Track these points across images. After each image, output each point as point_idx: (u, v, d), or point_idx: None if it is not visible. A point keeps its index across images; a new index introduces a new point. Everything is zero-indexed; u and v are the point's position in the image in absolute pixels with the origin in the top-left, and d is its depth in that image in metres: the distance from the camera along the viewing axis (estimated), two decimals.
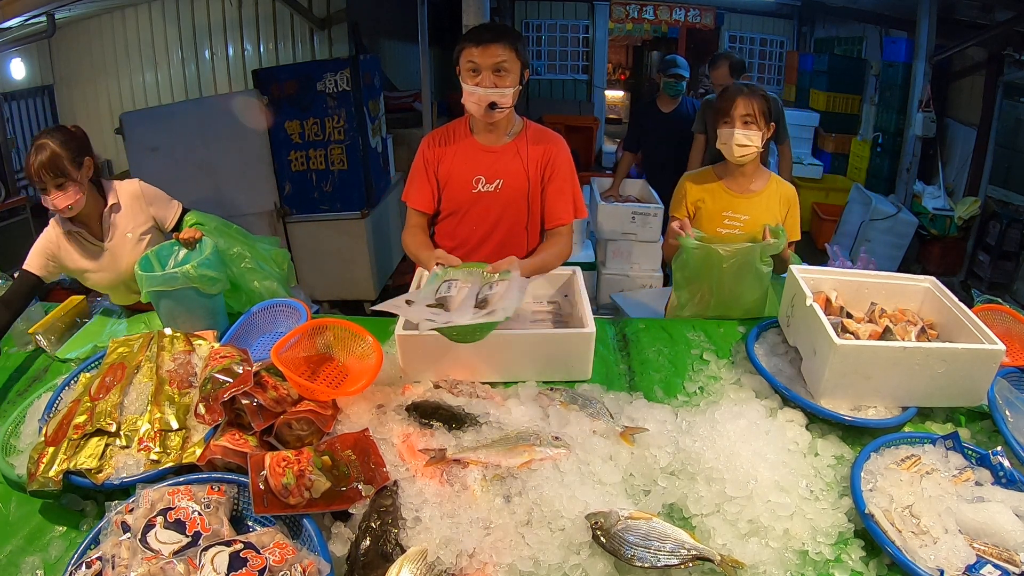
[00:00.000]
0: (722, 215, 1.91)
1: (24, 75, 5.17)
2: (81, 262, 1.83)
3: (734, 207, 1.90)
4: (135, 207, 1.88)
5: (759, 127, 1.79)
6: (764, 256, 1.72)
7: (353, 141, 4.10)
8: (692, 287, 1.86)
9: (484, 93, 1.63)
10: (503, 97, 1.65)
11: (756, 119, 1.78)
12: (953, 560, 0.98)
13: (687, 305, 1.89)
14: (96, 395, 1.30)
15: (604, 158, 7.89)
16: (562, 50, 8.26)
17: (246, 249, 1.87)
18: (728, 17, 7.72)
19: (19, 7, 3.79)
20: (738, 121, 1.78)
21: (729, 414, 1.28)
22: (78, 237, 1.82)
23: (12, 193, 4.64)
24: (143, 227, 1.90)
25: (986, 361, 1.28)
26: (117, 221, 1.86)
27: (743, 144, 1.79)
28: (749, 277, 1.75)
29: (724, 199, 1.91)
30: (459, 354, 1.45)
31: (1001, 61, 4.38)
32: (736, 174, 1.91)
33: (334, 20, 4.76)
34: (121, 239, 1.85)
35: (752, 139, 1.79)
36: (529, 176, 1.79)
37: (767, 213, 1.87)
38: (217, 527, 0.99)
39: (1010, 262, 4.31)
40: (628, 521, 1.02)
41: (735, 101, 1.78)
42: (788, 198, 1.92)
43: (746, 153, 1.81)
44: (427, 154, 1.83)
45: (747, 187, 1.91)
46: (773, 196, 1.91)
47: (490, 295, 1.39)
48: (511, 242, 1.85)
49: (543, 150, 1.80)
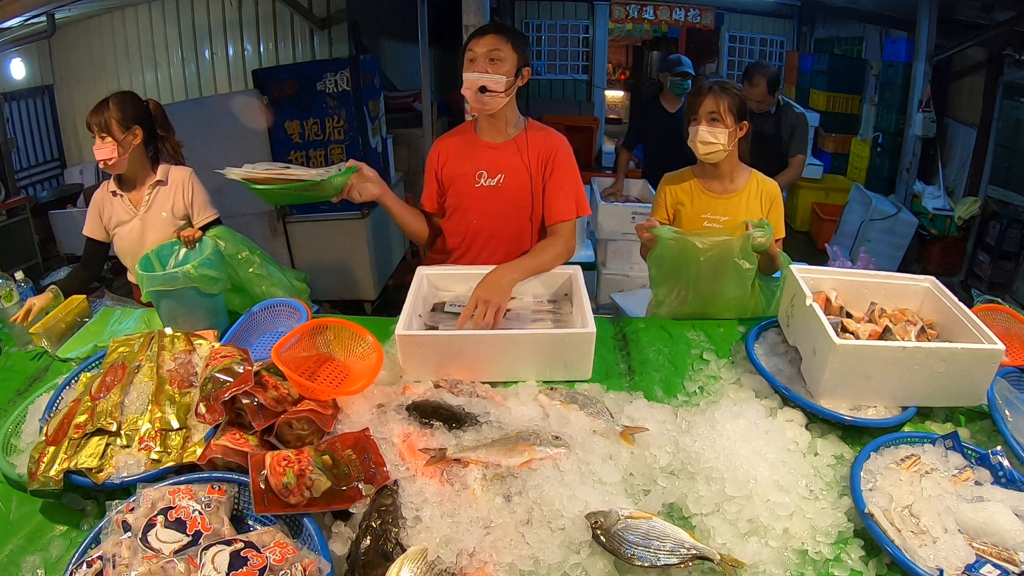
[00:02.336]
0: (701, 217, 1.90)
1: (24, 75, 5.18)
2: (117, 219, 2.03)
3: (713, 208, 1.89)
4: (177, 192, 2.04)
5: (726, 125, 1.77)
6: (745, 251, 1.68)
7: (353, 141, 4.10)
8: (669, 283, 1.81)
9: (475, 77, 1.67)
10: (493, 82, 1.67)
11: (722, 117, 1.77)
12: (953, 560, 0.98)
13: (664, 303, 1.85)
14: (97, 395, 1.30)
15: (604, 158, 7.90)
16: (562, 50, 8.27)
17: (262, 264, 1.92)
18: (728, 17, 7.72)
19: (19, 7, 3.80)
20: (704, 119, 1.78)
21: (729, 414, 1.28)
22: (120, 199, 2.02)
23: (12, 193, 4.64)
24: (179, 213, 2.04)
25: (986, 361, 1.28)
26: (157, 197, 2.03)
27: (706, 141, 1.78)
28: (729, 273, 1.71)
29: (703, 200, 1.91)
30: (459, 354, 1.46)
31: (1001, 61, 4.38)
32: (714, 174, 1.89)
33: (334, 20, 4.77)
34: (155, 216, 2.01)
35: (717, 136, 1.77)
36: (531, 171, 1.81)
37: (747, 212, 1.85)
38: (218, 526, 0.99)
39: (1010, 262, 4.31)
40: (628, 520, 1.02)
41: (703, 99, 1.78)
42: (770, 195, 1.90)
43: (711, 151, 1.79)
44: (433, 155, 1.90)
45: (726, 187, 1.90)
46: (754, 194, 1.89)
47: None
48: (516, 237, 1.88)
49: (544, 146, 1.82)
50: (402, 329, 1.45)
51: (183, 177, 2.05)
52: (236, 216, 4.08)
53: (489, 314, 1.56)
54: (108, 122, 1.89)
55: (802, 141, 3.40)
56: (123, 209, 2.03)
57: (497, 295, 1.59)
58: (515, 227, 1.87)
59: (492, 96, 1.69)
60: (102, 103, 1.91)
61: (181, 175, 2.05)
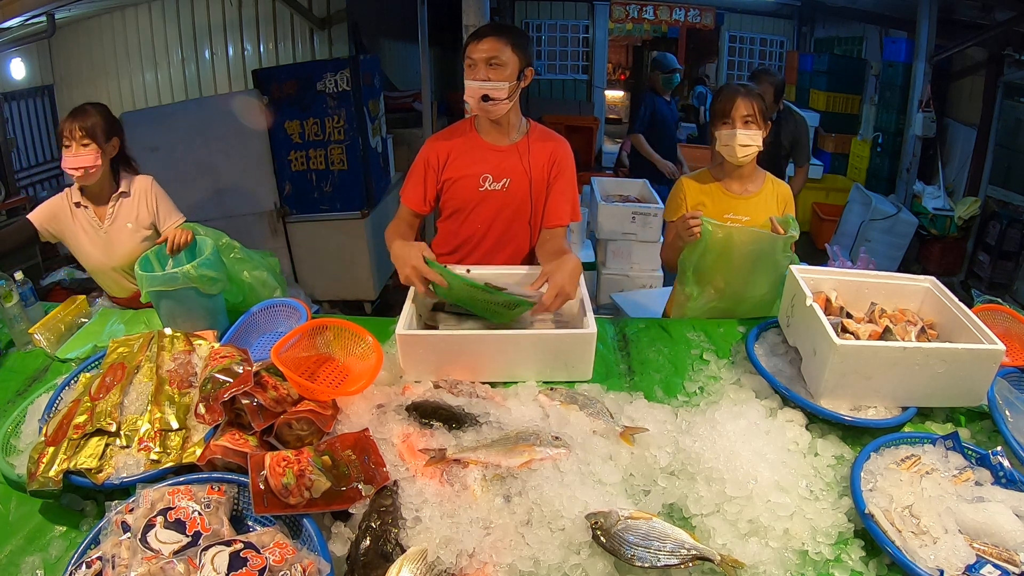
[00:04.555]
0: (724, 216, 1.90)
1: (24, 75, 5.17)
2: (79, 236, 1.94)
3: (734, 208, 1.91)
4: (141, 201, 1.97)
5: (759, 126, 1.80)
6: (786, 247, 1.73)
7: (353, 141, 4.10)
8: (704, 278, 1.84)
9: (477, 86, 1.65)
10: (496, 90, 1.65)
11: (756, 119, 1.79)
12: (953, 560, 0.98)
13: (694, 299, 1.87)
14: (96, 395, 1.30)
15: (604, 158, 7.89)
16: (562, 50, 8.27)
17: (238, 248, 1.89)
18: (728, 17, 7.73)
19: (19, 7, 3.80)
20: (739, 122, 1.79)
21: (729, 414, 1.28)
22: (84, 213, 1.93)
23: (12, 193, 4.63)
24: (144, 222, 1.97)
25: (986, 361, 1.28)
26: (121, 209, 1.95)
27: (745, 144, 1.79)
28: (764, 270, 1.77)
29: (724, 201, 1.92)
30: (459, 354, 1.46)
31: (1001, 61, 4.38)
32: (735, 175, 1.91)
33: (334, 20, 4.77)
34: (121, 227, 1.94)
35: (754, 139, 1.79)
36: (536, 176, 1.81)
37: (766, 214, 1.87)
38: (217, 527, 0.99)
39: (1010, 262, 4.31)
40: (628, 521, 1.02)
41: (735, 102, 1.79)
42: (785, 197, 1.94)
43: (748, 153, 1.81)
44: (430, 155, 1.83)
45: (746, 188, 1.92)
46: (771, 196, 1.92)
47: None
48: (513, 240, 1.88)
49: (549, 150, 1.82)
50: (402, 328, 1.45)
51: (145, 186, 1.99)
52: (236, 216, 4.11)
53: (557, 305, 1.56)
54: (94, 128, 1.82)
55: (805, 150, 3.45)
56: (87, 222, 1.94)
57: (574, 292, 1.59)
58: (517, 230, 1.88)
59: (495, 104, 1.67)
60: (83, 109, 1.83)
61: (143, 184, 1.99)
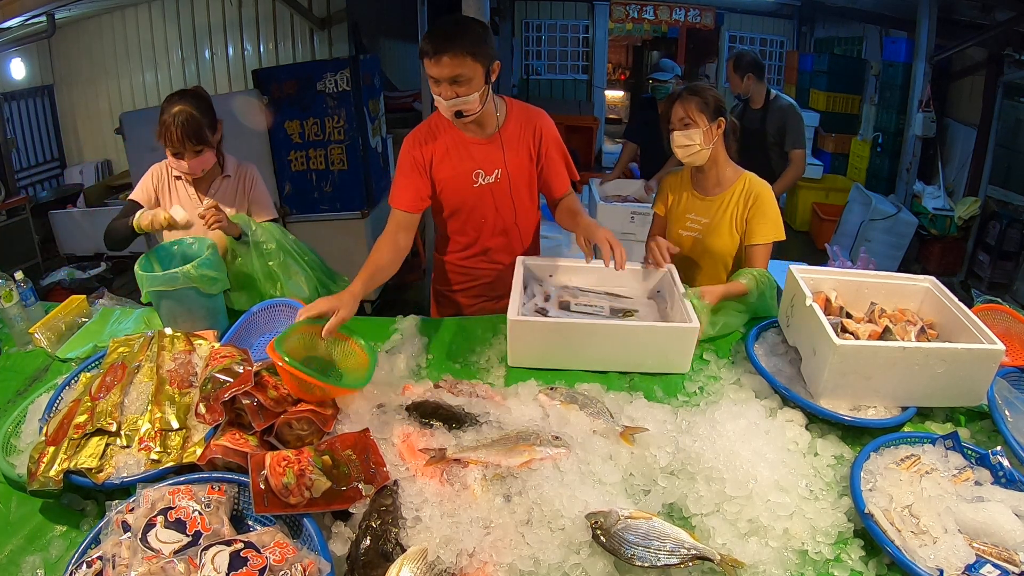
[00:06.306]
0: (686, 216, 1.96)
1: (24, 75, 5.18)
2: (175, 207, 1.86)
3: (696, 209, 1.94)
4: (240, 187, 2.00)
5: (698, 125, 1.80)
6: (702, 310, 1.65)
7: (353, 141, 4.10)
8: None
9: (448, 104, 1.62)
10: (467, 104, 1.62)
11: (693, 119, 1.80)
12: (953, 560, 0.98)
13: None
14: (96, 395, 1.30)
15: (604, 158, 7.90)
16: (562, 50, 8.28)
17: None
18: (728, 17, 7.73)
19: (19, 7, 3.80)
20: (677, 125, 1.83)
21: (729, 414, 1.28)
22: (184, 185, 1.93)
23: (12, 193, 4.64)
24: (240, 207, 1.99)
25: (986, 361, 1.28)
26: (222, 191, 1.97)
27: (682, 144, 1.82)
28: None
29: (688, 201, 1.96)
30: (567, 342, 1.52)
31: (1001, 61, 4.38)
32: (699, 176, 1.94)
33: (334, 20, 4.77)
34: None
35: (692, 138, 1.80)
36: (524, 158, 1.84)
37: (727, 215, 1.86)
38: (217, 526, 1.00)
39: (1010, 262, 4.32)
40: (628, 521, 1.02)
41: (672, 107, 1.84)
42: (755, 194, 1.84)
43: (689, 152, 1.83)
44: (415, 153, 1.78)
45: (710, 189, 1.92)
46: (738, 195, 1.86)
47: None
48: (523, 219, 1.93)
49: (531, 130, 1.83)
50: (513, 314, 1.51)
51: (247, 174, 2.01)
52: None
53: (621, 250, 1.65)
54: (201, 132, 1.76)
55: (797, 134, 3.27)
56: (185, 195, 1.94)
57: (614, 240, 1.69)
58: (520, 211, 1.91)
59: (470, 115, 1.65)
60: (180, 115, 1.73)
61: (247, 172, 2.01)
